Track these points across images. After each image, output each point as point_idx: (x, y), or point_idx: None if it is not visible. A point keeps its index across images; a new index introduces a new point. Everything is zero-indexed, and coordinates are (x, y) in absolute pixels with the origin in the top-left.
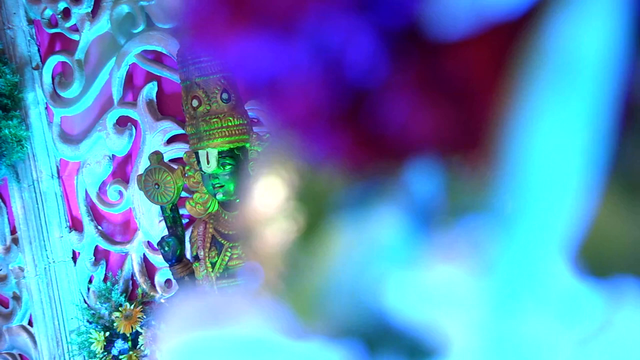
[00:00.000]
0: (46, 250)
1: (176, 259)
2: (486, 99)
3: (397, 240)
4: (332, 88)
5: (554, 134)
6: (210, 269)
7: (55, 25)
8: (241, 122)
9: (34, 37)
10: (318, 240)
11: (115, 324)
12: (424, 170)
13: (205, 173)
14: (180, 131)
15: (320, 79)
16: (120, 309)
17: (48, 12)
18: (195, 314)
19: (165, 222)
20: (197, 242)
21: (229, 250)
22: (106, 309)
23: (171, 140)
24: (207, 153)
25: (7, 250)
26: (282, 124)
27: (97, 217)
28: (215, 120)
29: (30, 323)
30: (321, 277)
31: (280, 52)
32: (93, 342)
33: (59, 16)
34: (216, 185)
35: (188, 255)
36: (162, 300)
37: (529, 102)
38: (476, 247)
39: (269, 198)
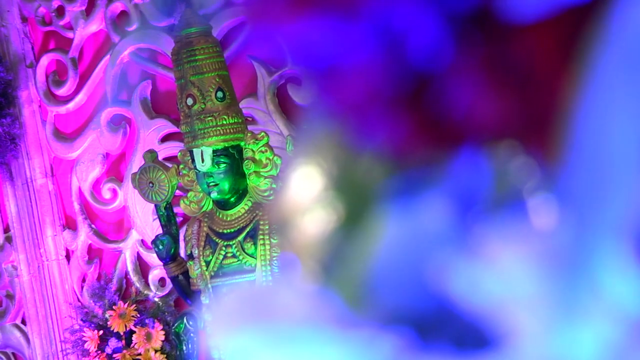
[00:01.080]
0: (40, 249)
1: (170, 258)
2: (554, 85)
3: (449, 227)
4: (395, 72)
5: (622, 119)
6: (205, 268)
7: (49, 23)
8: (236, 120)
9: (28, 35)
10: (366, 228)
11: (108, 323)
12: (481, 156)
13: (199, 171)
14: (175, 129)
15: (383, 63)
16: (114, 307)
17: (42, 10)
18: (244, 307)
19: (160, 221)
20: (192, 240)
21: (224, 248)
22: (100, 307)
23: (165, 138)
24: (201, 151)
25: (1, 248)
26: (340, 108)
27: (90, 215)
28: (210, 118)
29: (23, 322)
30: (369, 266)
31: (343, 34)
32: (86, 341)
33: (53, 14)
34: (211, 184)
35: (182, 253)
36: (156, 299)
37: (597, 87)
38: (536, 234)
39: (309, 188)
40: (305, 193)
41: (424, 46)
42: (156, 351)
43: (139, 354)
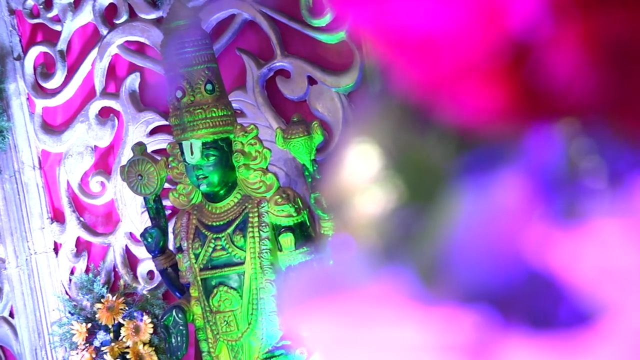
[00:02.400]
0: (27, 242)
1: (159, 251)
2: None
3: (528, 200)
4: (492, 41)
5: None
6: (194, 260)
7: (37, 16)
8: (225, 113)
9: (16, 27)
10: (438, 205)
11: (97, 316)
12: (562, 132)
13: (189, 164)
14: (163, 122)
15: (480, 32)
16: (102, 300)
17: (30, 3)
18: (314, 290)
19: (149, 214)
20: (181, 233)
21: (213, 241)
22: (88, 300)
23: (154, 131)
24: (191, 144)
25: None
26: (433, 79)
27: (78, 208)
28: (199, 111)
29: (11, 314)
30: (445, 243)
31: (438, 2)
32: (75, 334)
33: (41, 6)
34: (200, 176)
35: (171, 246)
36: (145, 292)
37: None
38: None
39: (367, 166)
40: (363, 171)
41: (524, 16)
42: (144, 344)
43: (128, 347)
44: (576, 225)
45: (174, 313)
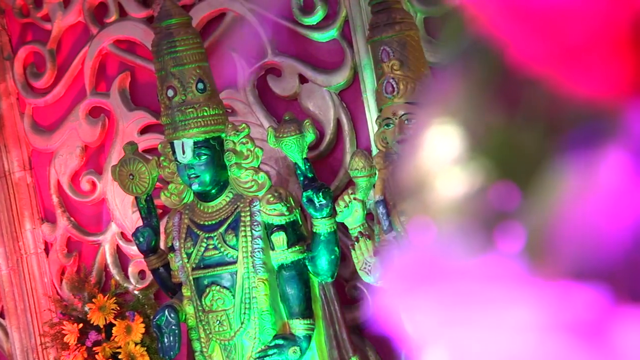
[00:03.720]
0: (18, 242)
1: (151, 250)
2: None
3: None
4: (617, 14)
5: None
6: (186, 260)
7: (27, 15)
8: (217, 112)
9: (5, 26)
10: (540, 183)
11: (88, 316)
12: None
13: (180, 163)
14: (154, 121)
15: (604, 5)
16: (93, 300)
17: (20, 2)
18: (419, 271)
19: (140, 213)
20: (173, 232)
21: (205, 240)
22: (79, 300)
23: (145, 130)
24: (182, 143)
25: None
26: (556, 52)
27: (69, 208)
28: (190, 110)
29: (2, 315)
30: (550, 221)
31: None
32: (66, 334)
33: (31, 5)
34: (192, 176)
35: (162, 246)
36: (136, 292)
37: None
38: None
39: (448, 147)
40: (445, 153)
41: None
42: (136, 344)
43: (119, 347)
44: None
45: (166, 313)
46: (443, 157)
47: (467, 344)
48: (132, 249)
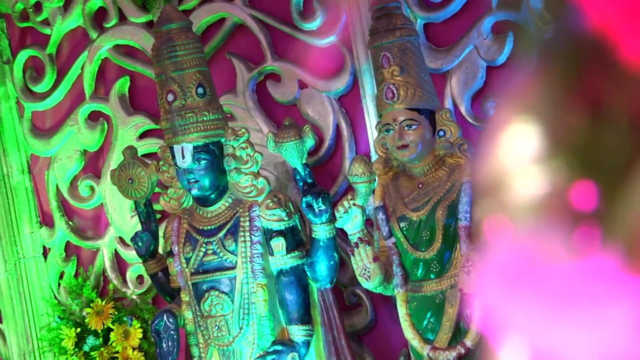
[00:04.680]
0: (16, 246)
1: (150, 255)
2: None
3: None
4: None
5: None
6: (185, 265)
7: (27, 19)
8: (216, 117)
9: (5, 31)
10: (632, 182)
11: (86, 320)
12: None
13: (180, 168)
14: (153, 126)
15: None
16: (91, 305)
17: (19, 6)
18: (515, 269)
19: (139, 218)
20: (171, 237)
21: (204, 245)
22: (77, 305)
23: (144, 135)
24: (182, 148)
25: None
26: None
27: (68, 212)
28: (190, 114)
29: (0, 319)
30: None
31: None
32: (64, 339)
33: (30, 10)
34: (191, 180)
35: (161, 250)
36: (134, 296)
37: None
38: None
39: (527, 148)
40: (523, 152)
41: None
42: (134, 349)
43: (117, 352)
44: None
45: (165, 318)
46: (522, 155)
47: (567, 343)
48: (130, 254)
